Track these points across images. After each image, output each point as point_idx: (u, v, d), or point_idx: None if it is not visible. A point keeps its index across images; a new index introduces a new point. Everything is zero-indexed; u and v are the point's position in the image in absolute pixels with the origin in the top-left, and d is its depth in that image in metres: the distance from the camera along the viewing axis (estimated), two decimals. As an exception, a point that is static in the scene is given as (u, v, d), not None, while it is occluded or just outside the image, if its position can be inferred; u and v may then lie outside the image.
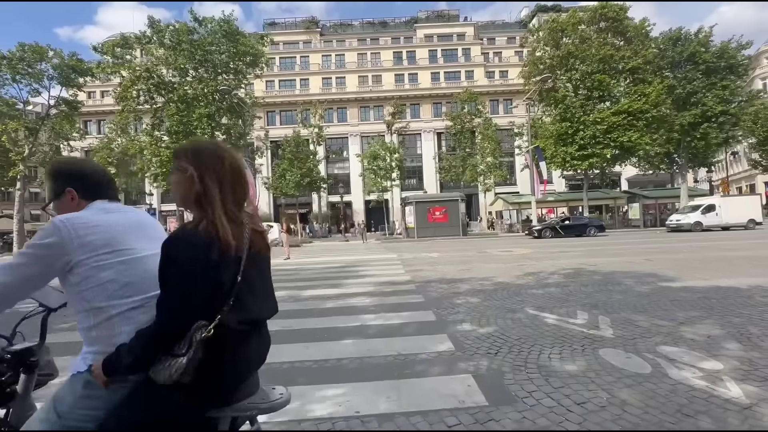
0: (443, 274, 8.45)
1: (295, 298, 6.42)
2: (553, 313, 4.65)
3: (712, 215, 22.49)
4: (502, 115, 44.06)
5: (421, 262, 11.13)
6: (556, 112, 26.09)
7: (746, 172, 43.40)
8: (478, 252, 13.50)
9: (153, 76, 25.60)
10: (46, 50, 28.36)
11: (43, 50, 28.29)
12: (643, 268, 7.99)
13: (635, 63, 25.40)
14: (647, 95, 24.76)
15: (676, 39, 26.78)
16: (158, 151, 25.92)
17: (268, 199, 43.28)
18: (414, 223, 26.76)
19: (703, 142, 26.32)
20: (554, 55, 26.38)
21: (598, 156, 25.39)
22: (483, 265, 9.74)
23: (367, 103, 45.31)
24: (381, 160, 30.07)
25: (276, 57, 48.56)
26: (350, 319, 4.86)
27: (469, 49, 49.05)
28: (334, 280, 8.17)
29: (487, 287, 6.59)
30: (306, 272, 9.84)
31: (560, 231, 21.95)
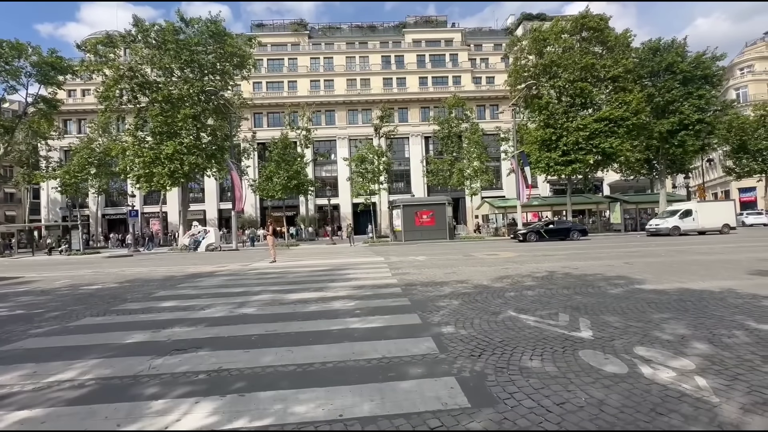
0: (429, 277, 8.50)
1: (280, 301, 6.37)
2: (535, 315, 4.73)
3: (689, 220, 23.24)
4: (488, 120, 44.72)
5: (408, 265, 11.18)
6: (540, 118, 26.63)
7: (721, 179, 45.04)
8: (464, 255, 13.63)
9: (137, 75, 25.13)
10: (24, 47, 27.60)
11: (22, 47, 27.52)
12: (623, 272, 8.20)
13: (616, 71, 26.14)
14: (628, 103, 25.50)
15: (655, 49, 27.70)
16: (141, 151, 25.40)
17: (255, 201, 42.87)
18: (401, 226, 26.85)
19: (681, 149, 27.22)
20: (538, 63, 26.96)
21: (580, 162, 25.98)
22: (468, 268, 9.84)
23: (355, 106, 45.40)
24: (369, 164, 30.10)
25: (264, 58, 48.30)
26: (335, 322, 4.85)
27: (456, 54, 49.71)
28: (320, 284, 8.14)
29: (471, 290, 6.66)
30: (291, 275, 9.77)
31: (545, 235, 22.33)
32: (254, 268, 12.23)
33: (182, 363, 3.51)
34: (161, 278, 10.34)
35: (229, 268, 12.38)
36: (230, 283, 8.79)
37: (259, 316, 5.40)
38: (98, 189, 34.89)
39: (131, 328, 4.93)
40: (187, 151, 25.37)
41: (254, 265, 13.03)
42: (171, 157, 24.85)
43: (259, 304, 6.21)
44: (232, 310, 5.79)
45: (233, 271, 11.31)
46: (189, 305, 6.30)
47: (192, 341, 4.22)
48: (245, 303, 6.33)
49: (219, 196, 44.11)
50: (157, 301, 6.81)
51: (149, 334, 4.58)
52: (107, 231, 42.03)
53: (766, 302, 4.95)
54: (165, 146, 24.78)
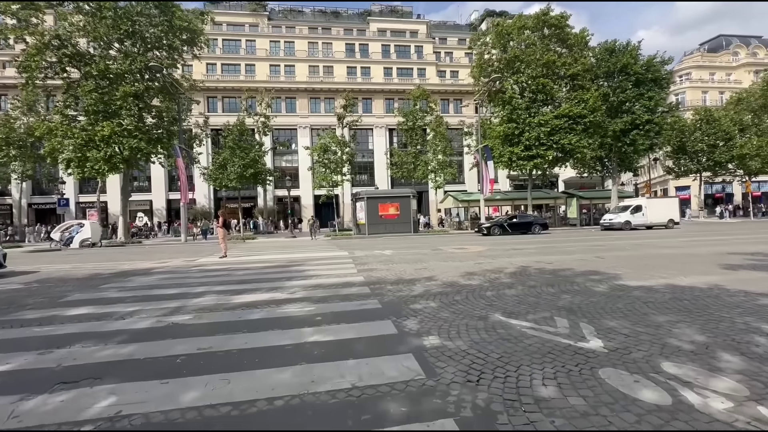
0: (399, 273, 7.73)
1: (224, 305, 5.29)
2: (528, 320, 4.08)
3: (639, 215, 24.38)
4: (452, 114, 44.79)
5: (375, 260, 10.35)
6: (503, 113, 26.74)
7: (661, 178, 48.45)
8: (432, 249, 13.04)
9: (65, 44, 21.98)
10: None
11: None
12: (599, 267, 7.90)
13: (575, 70, 26.77)
14: (585, 101, 26.23)
15: (611, 50, 28.71)
16: (71, 132, 22.39)
17: (208, 191, 40.06)
18: (365, 219, 25.98)
19: (632, 147, 28.54)
20: (502, 58, 27.00)
21: (541, 157, 26.43)
22: (439, 263, 9.20)
23: (318, 94, 43.62)
24: (332, 154, 28.83)
25: (219, 38, 44.97)
26: (289, 334, 3.91)
27: (421, 46, 49.22)
28: (274, 282, 7.09)
29: (447, 289, 5.96)
30: (241, 272, 8.60)
31: (508, 228, 22.45)
32: (200, 264, 10.84)
33: (63, 406, 2.44)
34: (84, 277, 8.74)
35: (170, 264, 10.88)
36: (166, 282, 7.49)
37: (194, 327, 4.32)
38: (22, 174, 30.70)
39: (12, 347, 3.68)
40: (128, 134, 22.72)
41: (201, 261, 11.60)
42: (108, 140, 22.13)
43: (197, 309, 5.10)
44: (161, 319, 4.65)
45: (174, 268, 9.88)
46: (106, 313, 5.05)
47: (91, 367, 3.11)
48: (180, 309, 5.18)
49: (168, 185, 40.73)
50: (65, 307, 5.46)
51: (33, 357, 3.39)
52: (34, 222, 37.40)
53: (763, 300, 4.65)
54: (100, 127, 22.00)
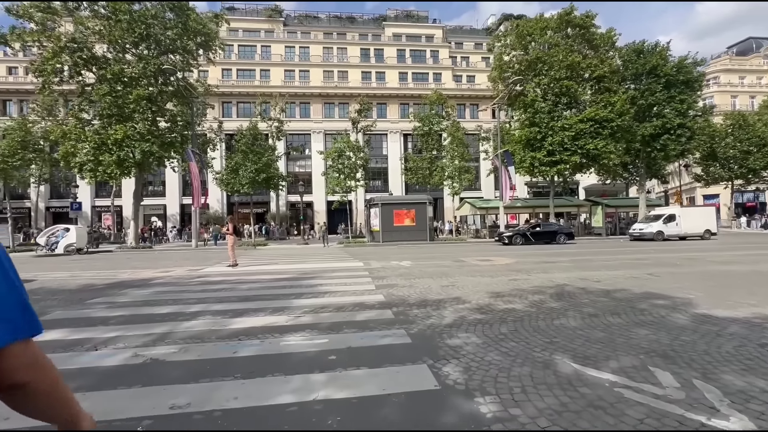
0: (424, 291, 6.72)
1: (218, 332, 4.38)
2: (613, 370, 3.04)
3: (672, 225, 22.78)
4: (468, 119, 43.75)
5: (393, 273, 9.37)
6: (524, 116, 25.55)
7: (688, 185, 46.20)
8: (454, 261, 11.98)
9: (81, 48, 21.88)
10: (-56, 9, 23.59)
11: (-59, 9, 23.51)
12: (659, 287, 6.75)
13: (601, 71, 25.48)
14: (613, 104, 24.87)
15: (639, 51, 27.31)
16: (85, 135, 22.20)
17: (221, 196, 39.84)
18: (379, 226, 25.02)
19: (663, 153, 26.96)
20: (523, 60, 25.89)
21: (565, 162, 25.12)
22: (467, 278, 8.15)
23: (332, 99, 43.20)
24: (346, 159, 28.08)
25: (234, 44, 45.13)
26: (294, 383, 2.96)
27: (437, 51, 48.47)
28: (281, 300, 6.18)
29: (486, 315, 4.93)
30: (246, 286, 7.72)
31: (530, 238, 21.19)
32: (204, 274, 10.03)
33: None
34: (77, 288, 8.01)
35: (172, 273, 10.11)
36: (161, 297, 6.65)
37: (175, 366, 3.41)
38: (39, 178, 30.86)
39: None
40: (140, 137, 22.41)
41: (206, 270, 10.81)
42: (120, 143, 21.84)
43: (186, 338, 4.20)
44: (139, 352, 3.76)
45: (175, 279, 9.09)
46: (79, 339, 4.20)
47: (16, 439, 2.21)
48: (166, 336, 4.30)
49: (182, 190, 40.67)
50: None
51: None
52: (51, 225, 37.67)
53: None
54: (113, 131, 21.74)
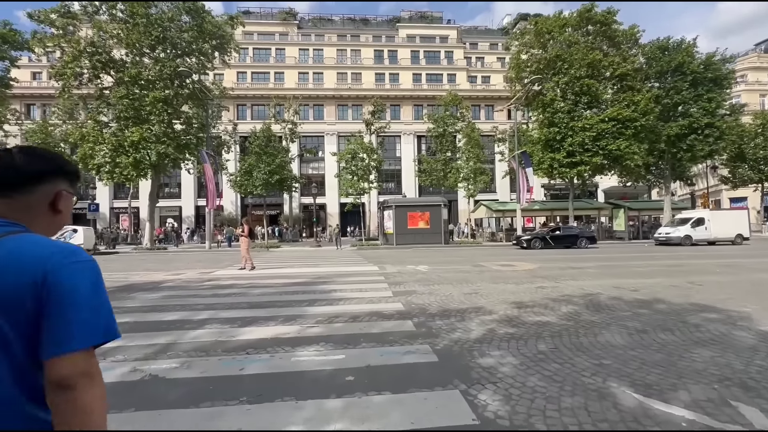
0: (445, 300, 6.26)
1: (224, 345, 4.02)
2: (683, 402, 2.54)
3: (701, 229, 21.69)
4: (483, 120, 43.03)
5: (410, 278, 8.92)
6: (543, 116, 24.78)
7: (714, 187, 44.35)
8: (474, 266, 11.45)
9: (100, 52, 22.19)
10: (-29, 16, 24.26)
11: (-32, 16, 24.19)
12: (705, 298, 6.13)
13: (624, 69, 24.56)
14: (636, 103, 23.93)
15: (663, 48, 26.28)
16: (102, 138, 22.46)
17: (235, 198, 40.04)
18: (393, 228, 24.61)
19: (689, 153, 25.81)
20: (541, 58, 25.15)
21: (586, 164, 24.26)
22: (490, 285, 7.65)
23: (346, 101, 43.10)
24: (359, 160, 27.78)
25: (249, 47, 45.53)
26: (306, 410, 2.55)
27: (452, 52, 47.94)
28: (293, 308, 5.81)
29: (519, 328, 4.45)
30: (258, 291, 7.39)
31: (550, 242, 20.43)
32: (215, 277, 9.78)
33: None
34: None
35: (183, 276, 9.89)
36: (169, 303, 6.36)
37: (175, 383, 3.05)
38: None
39: None
40: (156, 139, 22.57)
41: (218, 273, 10.56)
42: (136, 146, 22.02)
43: (190, 350, 3.85)
44: (139, 366, 3.42)
45: (185, 282, 8.84)
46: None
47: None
48: (169, 347, 3.96)
49: (197, 192, 41.06)
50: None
51: None
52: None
53: None
54: (130, 133, 21.94)
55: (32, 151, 0.93)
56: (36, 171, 0.90)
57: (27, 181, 0.89)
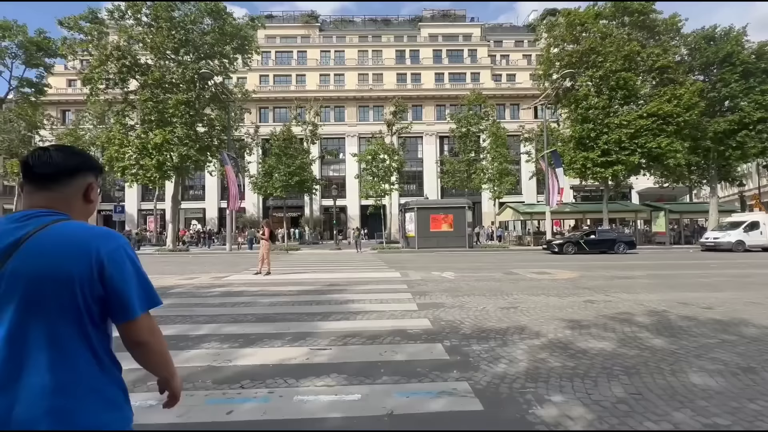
0: (480, 316, 5.38)
1: (212, 374, 3.30)
2: None
3: (755, 234, 19.74)
4: (508, 120, 41.53)
5: (436, 287, 8.07)
6: (577, 113, 23.28)
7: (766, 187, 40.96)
8: (505, 273, 10.45)
9: (125, 55, 22.51)
10: (9, 25, 25.30)
11: (7, 24, 25.24)
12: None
13: (664, 61, 22.81)
14: (679, 97, 22.14)
15: (709, 38, 24.28)
16: (128, 140, 22.74)
17: (257, 200, 40.21)
18: (415, 231, 23.73)
19: (739, 151, 23.66)
20: (573, 52, 23.67)
21: (622, 163, 22.62)
22: (529, 298, 6.70)
23: (367, 102, 42.60)
24: (380, 161, 27.11)
25: (272, 51, 45.90)
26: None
27: (475, 50, 46.65)
28: (305, 322, 5.10)
29: (580, 360, 3.55)
30: (267, 301, 6.73)
31: (584, 246, 19.04)
32: (228, 282, 9.23)
33: None
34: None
35: (195, 281, 9.40)
36: (171, 313, 5.76)
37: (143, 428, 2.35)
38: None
39: None
40: (179, 141, 22.66)
41: (231, 278, 10.04)
42: (160, 148, 22.15)
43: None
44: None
45: (196, 287, 8.32)
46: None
47: None
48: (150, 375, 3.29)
49: (220, 194, 41.47)
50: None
51: None
52: (101, 228, 39.62)
53: None
54: (153, 135, 22.11)
55: (66, 148, 1.06)
56: (71, 166, 1.04)
57: (65, 175, 1.03)
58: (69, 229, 0.96)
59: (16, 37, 25.45)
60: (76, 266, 0.92)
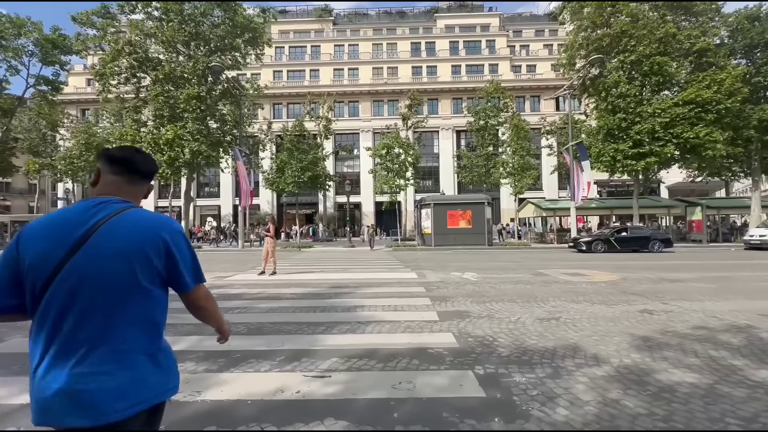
0: (516, 330, 4.41)
1: (175, 411, 2.48)
2: None
3: (809, 231, 17.92)
4: (528, 112, 39.89)
5: (457, 290, 7.11)
6: (608, 101, 21.68)
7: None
8: (533, 274, 9.39)
9: (137, 50, 22.21)
10: (23, 22, 25.40)
11: (21, 22, 25.34)
12: None
13: (703, 44, 21.01)
14: (720, 82, 20.34)
15: (754, 17, 22.29)
16: (140, 136, 22.48)
17: (271, 198, 39.87)
18: (431, 228, 22.71)
19: (788, 141, 21.68)
20: (604, 35, 22.06)
21: (655, 155, 20.99)
22: (569, 305, 5.67)
23: (381, 96, 41.65)
24: (394, 156, 26.13)
25: (285, 46, 45.42)
26: None
27: (493, 41, 45.00)
28: (302, 336, 4.24)
29: (674, 405, 2.56)
30: (265, 306, 5.92)
31: (615, 244, 17.66)
32: (229, 283, 8.50)
33: None
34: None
35: (195, 281, 8.70)
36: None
37: None
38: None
39: None
40: (190, 137, 22.25)
41: (234, 278, 9.32)
42: (171, 143, 21.79)
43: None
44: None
45: (193, 290, 7.60)
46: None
47: None
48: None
49: (234, 191, 41.35)
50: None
51: None
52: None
53: None
54: (165, 130, 21.76)
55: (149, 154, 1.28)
56: (156, 170, 1.29)
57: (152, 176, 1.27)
58: (140, 214, 1.14)
59: (31, 35, 25.52)
60: (148, 244, 1.10)
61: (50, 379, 0.98)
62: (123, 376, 1.02)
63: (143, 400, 1.04)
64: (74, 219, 1.07)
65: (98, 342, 1.01)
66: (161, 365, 1.12)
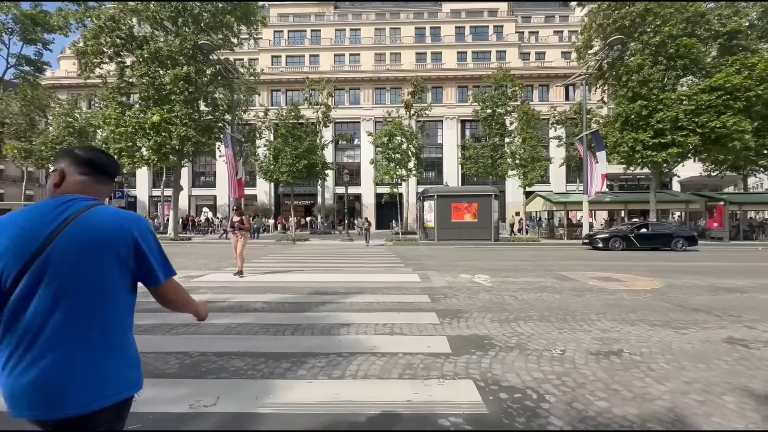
0: (565, 374, 3.01)
1: None
2: None
3: None
4: (537, 102, 38.12)
5: (470, 300, 5.72)
6: (629, 86, 19.99)
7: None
8: (557, 278, 7.97)
9: (120, 26, 20.62)
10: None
11: (-1, -3, 23.74)
12: None
13: (734, 25, 19.32)
14: (751, 67, 18.68)
15: (789, -3, 20.52)
16: (124, 120, 20.99)
17: (269, 188, 38.47)
18: (434, 222, 21.31)
19: (823, 132, 20.06)
20: (626, 14, 20.31)
21: (679, 145, 19.43)
22: (624, 328, 4.26)
23: (383, 84, 39.91)
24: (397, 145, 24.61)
25: (284, 30, 43.60)
26: None
27: (501, 26, 43.04)
28: (251, 380, 2.86)
29: None
30: (223, 323, 4.53)
31: (635, 242, 16.23)
32: (197, 284, 7.09)
33: None
34: None
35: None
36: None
37: None
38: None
39: None
40: (179, 121, 20.76)
41: (205, 278, 7.93)
42: (157, 128, 20.31)
43: None
44: None
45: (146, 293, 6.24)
46: None
47: None
48: None
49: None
50: None
51: None
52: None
53: None
54: (151, 113, 20.28)
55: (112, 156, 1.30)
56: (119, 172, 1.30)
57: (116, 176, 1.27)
58: (109, 211, 1.15)
59: (9, 11, 23.92)
60: (118, 239, 1.11)
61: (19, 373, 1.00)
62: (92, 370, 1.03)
63: (111, 395, 1.06)
64: (40, 218, 1.07)
65: (68, 337, 1.02)
66: (129, 361, 1.13)
